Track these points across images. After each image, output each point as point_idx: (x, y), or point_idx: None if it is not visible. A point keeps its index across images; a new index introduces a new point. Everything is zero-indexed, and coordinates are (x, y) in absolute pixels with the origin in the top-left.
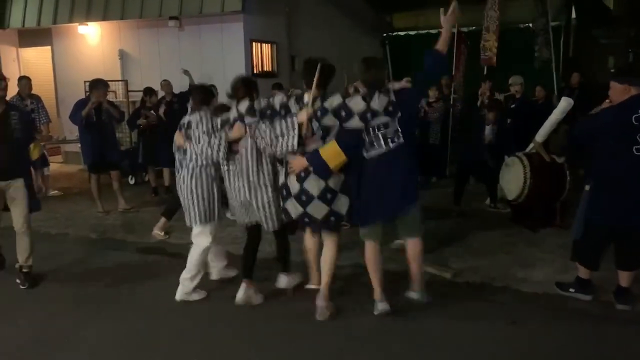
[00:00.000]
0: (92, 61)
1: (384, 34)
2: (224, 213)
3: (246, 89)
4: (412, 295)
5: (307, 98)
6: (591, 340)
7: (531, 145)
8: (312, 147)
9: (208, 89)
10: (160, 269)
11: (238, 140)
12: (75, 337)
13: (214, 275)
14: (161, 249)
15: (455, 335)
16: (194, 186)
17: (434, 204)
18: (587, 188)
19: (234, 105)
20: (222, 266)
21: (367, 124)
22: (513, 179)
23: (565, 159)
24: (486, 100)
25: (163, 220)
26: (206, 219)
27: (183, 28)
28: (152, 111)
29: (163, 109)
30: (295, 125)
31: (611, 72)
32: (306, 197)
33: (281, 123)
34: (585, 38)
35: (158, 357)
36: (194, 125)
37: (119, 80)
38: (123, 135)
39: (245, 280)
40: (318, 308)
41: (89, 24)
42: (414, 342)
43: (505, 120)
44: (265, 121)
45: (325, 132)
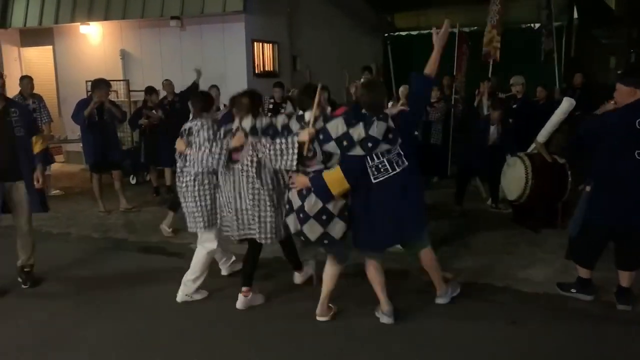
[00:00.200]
0: (94, 61)
1: (385, 34)
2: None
3: (251, 105)
4: (439, 301)
5: (308, 117)
6: (592, 340)
7: (533, 145)
8: (312, 169)
9: (208, 96)
10: (161, 269)
11: (239, 149)
12: (75, 337)
13: (225, 271)
14: (162, 249)
15: (455, 336)
16: (197, 193)
17: (436, 204)
18: (588, 189)
19: (237, 118)
20: (231, 262)
21: (369, 152)
22: (515, 179)
23: (566, 160)
24: (486, 101)
25: (171, 215)
26: (210, 224)
27: (185, 28)
28: (154, 111)
29: (165, 108)
30: (296, 144)
31: (618, 74)
32: (303, 215)
33: (281, 141)
34: (587, 38)
35: (158, 357)
36: (195, 132)
37: (120, 80)
38: (125, 135)
39: (244, 288)
40: (318, 310)
41: (91, 23)
42: (414, 342)
43: (508, 120)
44: (267, 138)
45: (327, 157)
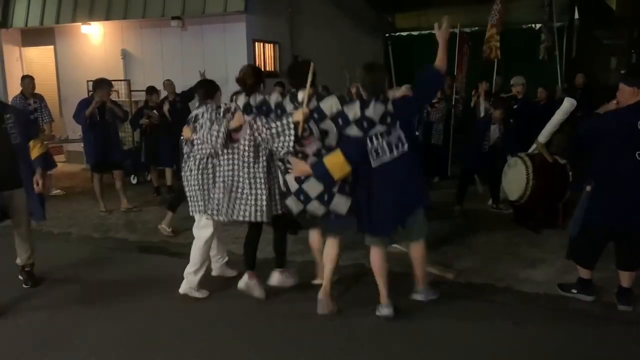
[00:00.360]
0: (95, 61)
1: (386, 34)
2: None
3: (256, 79)
4: (417, 297)
5: (301, 97)
6: (592, 341)
7: (534, 146)
8: (310, 148)
9: (211, 82)
10: (161, 268)
11: (239, 129)
12: (75, 337)
13: (215, 272)
14: (163, 249)
15: (456, 336)
16: (200, 176)
17: (436, 204)
18: (588, 189)
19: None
20: (223, 262)
21: (365, 132)
22: (515, 179)
23: (567, 160)
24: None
25: (169, 215)
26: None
27: (186, 28)
28: (155, 110)
29: (167, 108)
30: (292, 125)
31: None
32: (304, 197)
33: (277, 122)
34: (588, 39)
35: (158, 357)
36: (199, 117)
37: (121, 80)
38: (125, 135)
39: (248, 272)
40: (319, 302)
41: (92, 23)
42: (415, 342)
43: (508, 120)
44: (262, 117)
45: (324, 135)
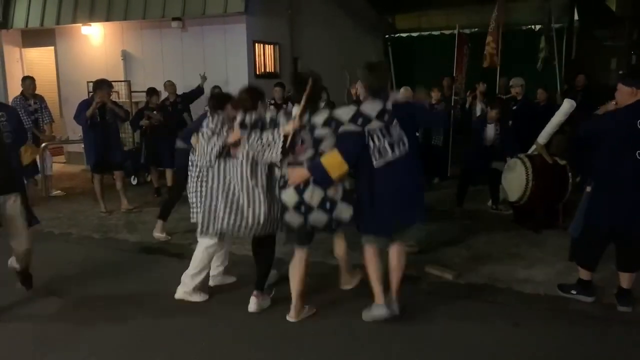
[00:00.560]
0: (95, 62)
1: (386, 35)
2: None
3: (253, 102)
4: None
5: (295, 112)
6: (592, 341)
7: (533, 147)
8: (302, 157)
9: (222, 96)
10: (161, 269)
11: (237, 144)
12: (75, 337)
13: (212, 282)
14: (163, 249)
15: (456, 336)
16: (198, 187)
17: (436, 205)
18: (588, 189)
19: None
20: (221, 270)
21: (362, 127)
22: (515, 180)
23: (567, 161)
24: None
25: (160, 223)
26: None
27: (186, 29)
28: (155, 112)
29: (167, 109)
30: (280, 137)
31: (619, 75)
32: (305, 208)
33: (267, 135)
34: (588, 39)
35: (158, 357)
36: (204, 126)
37: (121, 81)
38: (126, 136)
39: (256, 292)
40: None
41: (92, 24)
42: (415, 343)
43: (505, 120)
44: (257, 131)
45: (317, 143)
